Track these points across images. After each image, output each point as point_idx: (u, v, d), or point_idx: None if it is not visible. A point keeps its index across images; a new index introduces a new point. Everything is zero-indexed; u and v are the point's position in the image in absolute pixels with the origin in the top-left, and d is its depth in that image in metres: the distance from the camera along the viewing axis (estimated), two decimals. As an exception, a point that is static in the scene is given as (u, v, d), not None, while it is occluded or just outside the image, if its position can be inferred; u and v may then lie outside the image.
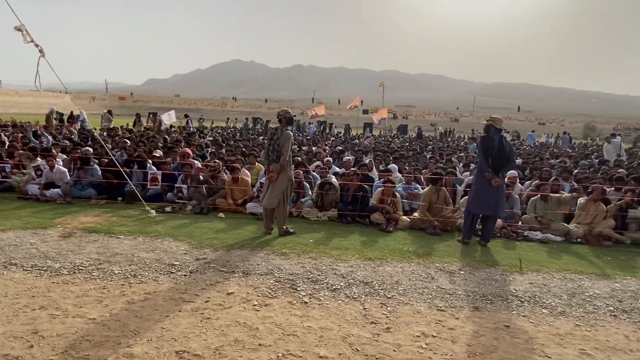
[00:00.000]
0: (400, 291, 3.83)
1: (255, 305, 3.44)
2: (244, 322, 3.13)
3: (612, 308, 3.68)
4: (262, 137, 16.43)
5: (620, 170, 9.26)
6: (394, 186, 6.42)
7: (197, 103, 67.06)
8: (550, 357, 2.87)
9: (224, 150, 10.26)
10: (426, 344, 2.95)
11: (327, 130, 32.01)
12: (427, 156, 12.03)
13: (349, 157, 9.27)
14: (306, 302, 3.53)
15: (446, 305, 3.59)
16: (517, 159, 12.35)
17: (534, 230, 6.03)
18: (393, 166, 9.28)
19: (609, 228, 5.84)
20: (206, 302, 3.44)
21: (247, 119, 39.54)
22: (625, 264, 4.90)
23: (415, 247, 5.20)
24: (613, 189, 6.98)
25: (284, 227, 5.45)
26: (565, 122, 70.72)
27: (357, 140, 19.38)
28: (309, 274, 4.14)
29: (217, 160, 7.50)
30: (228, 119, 39.96)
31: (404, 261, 4.64)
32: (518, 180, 7.61)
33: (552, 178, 7.04)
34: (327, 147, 14.14)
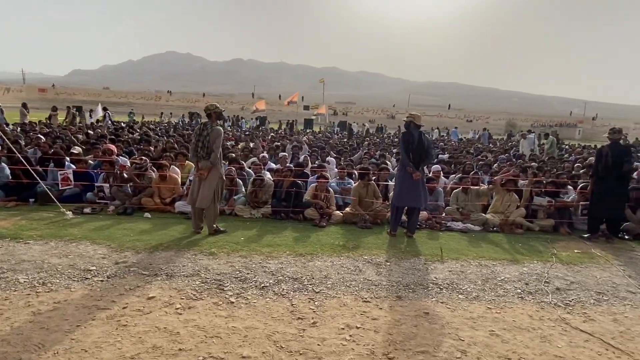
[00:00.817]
0: (329, 285, 3.89)
1: (177, 308, 3.31)
2: (164, 327, 3.00)
3: (519, 290, 4.02)
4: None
5: (533, 163, 10.16)
6: (328, 182, 6.50)
7: (128, 96, 63.15)
8: (463, 340, 3.06)
9: (152, 147, 9.73)
10: (350, 335, 3.02)
11: (264, 126, 31.67)
12: (362, 152, 12.35)
13: (284, 153, 9.24)
14: (232, 302, 3.46)
15: (371, 296, 3.71)
16: (444, 154, 13.13)
17: (455, 221, 6.42)
18: (331, 159, 9.41)
19: (521, 217, 6.38)
20: (124, 308, 3.25)
21: (182, 114, 37.99)
22: (533, 250, 5.38)
23: (346, 240, 5.31)
24: (527, 180, 7.63)
25: (214, 226, 5.30)
26: (490, 119, 76.20)
27: (297, 137, 19.42)
28: (237, 273, 4.07)
29: (143, 157, 7.10)
30: (162, 113, 38.08)
31: (334, 255, 4.72)
32: (442, 174, 8.07)
33: (473, 172, 7.53)
34: (265, 143, 14.00)
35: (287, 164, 7.80)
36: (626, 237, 6.11)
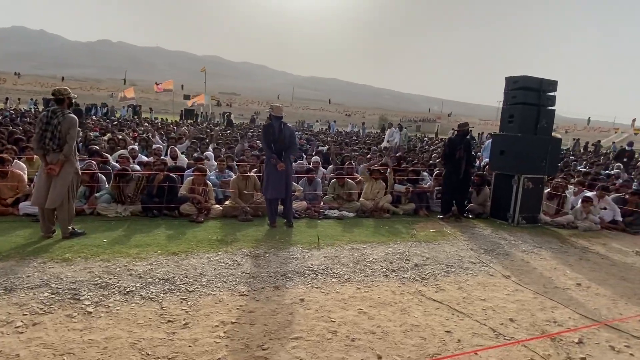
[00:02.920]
0: (204, 283, 3.73)
1: (18, 327, 2.82)
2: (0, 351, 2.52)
3: (385, 269, 4.42)
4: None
5: (399, 154, 11.24)
6: (205, 175, 6.23)
7: (-45, 77, 51.68)
8: (334, 321, 3.23)
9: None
10: (224, 332, 2.95)
11: (134, 115, 28.97)
12: (245, 144, 12.15)
13: (158, 145, 8.57)
14: (90, 312, 3.08)
15: (249, 289, 3.67)
16: (324, 146, 13.68)
17: (332, 209, 6.77)
18: (209, 153, 9.04)
19: (387, 202, 7.01)
20: (-61, 336, 2.64)
21: (35, 100, 32.56)
22: (397, 231, 5.97)
23: (224, 235, 5.17)
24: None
25: (70, 228, 4.66)
26: (366, 114, 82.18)
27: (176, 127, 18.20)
28: (97, 279, 3.64)
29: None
30: (7, 99, 32.10)
31: (211, 251, 4.55)
32: (321, 165, 8.42)
33: (347, 162, 8.01)
34: (137, 134, 12.81)
35: (161, 157, 7.24)
36: (470, 216, 7.19)
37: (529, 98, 6.67)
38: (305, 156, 9.62)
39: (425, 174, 8.35)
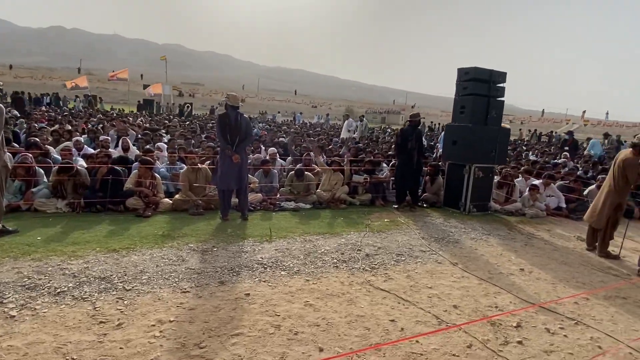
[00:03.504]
0: (144, 280, 3.56)
1: None
2: None
3: (336, 260, 4.40)
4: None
5: (359, 144, 11.29)
6: (151, 167, 5.96)
7: None
8: (279, 315, 3.17)
9: None
10: (160, 331, 2.81)
11: (88, 105, 27.55)
12: (203, 136, 11.81)
13: (105, 137, 8.15)
14: (13, 316, 2.86)
15: (192, 286, 3.54)
16: (285, 137, 13.52)
17: (289, 201, 6.68)
18: (161, 144, 8.70)
19: (344, 193, 7.01)
20: None
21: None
22: (352, 222, 5.97)
23: (171, 230, 4.98)
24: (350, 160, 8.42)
25: (-1, 225, 4.33)
26: (332, 105, 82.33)
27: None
28: (25, 280, 3.39)
29: None
30: (-57, 87, 29.53)
31: (155, 247, 4.36)
32: (279, 156, 8.29)
33: (306, 154, 7.93)
34: (87, 126, 12.15)
35: (107, 150, 6.88)
36: (425, 205, 7.32)
37: (480, 89, 6.83)
38: (263, 148, 9.45)
39: (384, 164, 8.41)
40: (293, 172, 6.95)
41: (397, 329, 3.12)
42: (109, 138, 8.30)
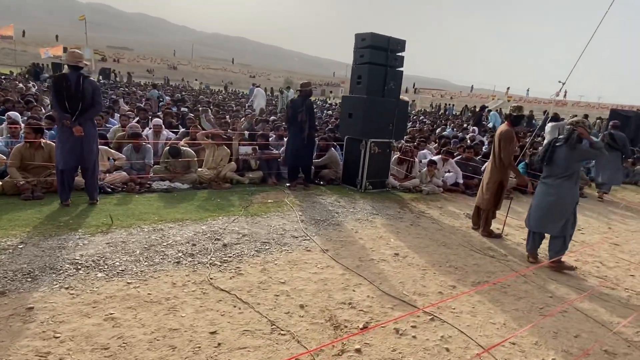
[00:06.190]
0: None
1: None
2: None
3: (181, 254, 3.71)
4: None
5: (272, 117, 10.53)
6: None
7: None
8: (58, 336, 2.44)
9: None
10: None
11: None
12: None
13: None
14: None
15: (-47, 300, 2.68)
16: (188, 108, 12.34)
17: (163, 180, 5.84)
18: (13, 113, 7.31)
19: (231, 171, 6.29)
20: None
21: None
22: (229, 204, 5.29)
23: (-19, 221, 3.97)
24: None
25: None
26: (271, 76, 79.91)
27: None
28: None
29: None
30: None
31: (-64, 246, 3.38)
32: (163, 129, 7.32)
33: (192, 125, 7.04)
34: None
35: None
36: (322, 183, 6.81)
37: (377, 58, 6.30)
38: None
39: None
40: (167, 148, 6.05)
41: (213, 344, 2.53)
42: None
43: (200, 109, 10.64)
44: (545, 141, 11.04)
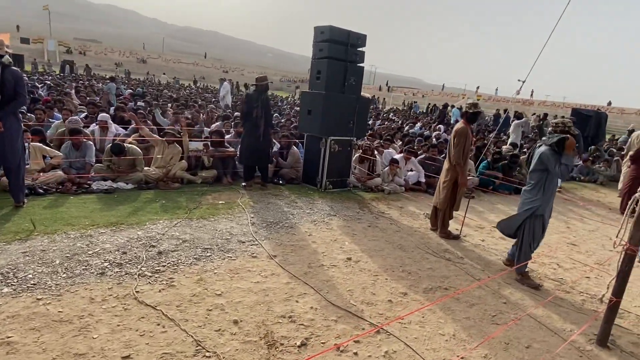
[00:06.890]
0: None
1: None
2: None
3: (107, 264, 3.34)
4: None
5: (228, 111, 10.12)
6: None
7: None
8: None
9: None
10: None
11: None
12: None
13: None
14: None
15: None
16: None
17: (105, 180, 5.40)
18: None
19: (182, 169, 5.91)
20: None
21: None
22: (174, 206, 4.91)
23: None
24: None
25: None
26: (244, 71, 78.61)
27: None
28: None
29: None
30: None
31: None
32: (112, 125, 6.84)
33: (138, 120, 6.58)
34: None
35: None
36: (280, 182, 6.52)
37: (336, 52, 6.05)
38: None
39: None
40: (109, 146, 5.61)
41: (123, 371, 2.21)
42: None
43: (153, 103, 10.12)
44: (510, 140, 11.12)
